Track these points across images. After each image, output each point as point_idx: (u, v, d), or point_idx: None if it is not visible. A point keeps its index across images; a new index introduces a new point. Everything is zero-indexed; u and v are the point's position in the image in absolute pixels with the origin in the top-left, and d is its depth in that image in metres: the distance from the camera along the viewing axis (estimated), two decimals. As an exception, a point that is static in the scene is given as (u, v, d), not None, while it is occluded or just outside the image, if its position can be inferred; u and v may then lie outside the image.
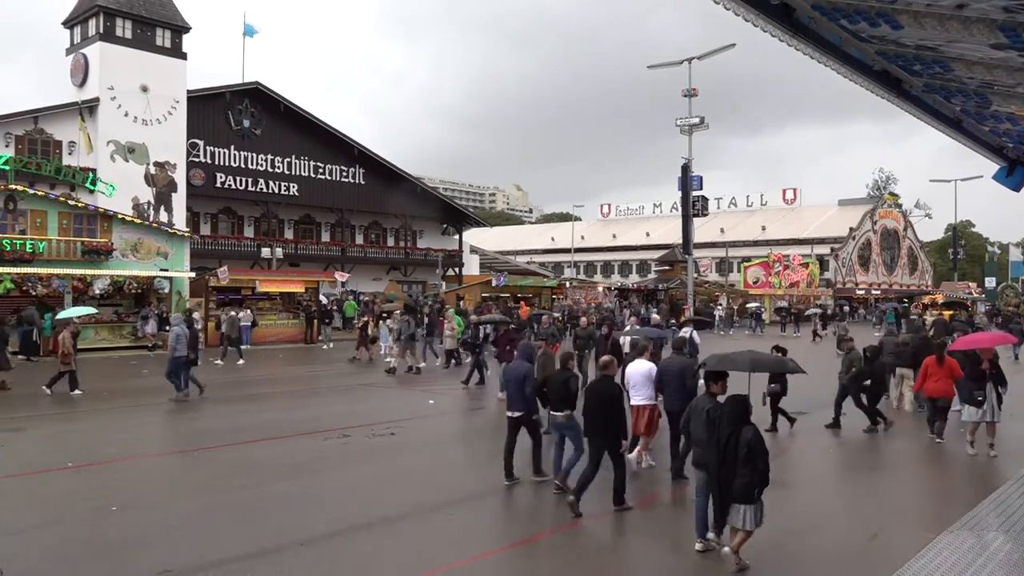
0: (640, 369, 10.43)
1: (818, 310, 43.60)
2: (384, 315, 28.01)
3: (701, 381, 8.46)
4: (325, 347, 30.57)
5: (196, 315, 23.75)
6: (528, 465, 9.88)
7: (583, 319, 21.30)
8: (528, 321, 30.18)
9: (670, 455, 10.33)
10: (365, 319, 27.07)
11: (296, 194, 44.00)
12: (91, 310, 23.05)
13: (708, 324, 37.80)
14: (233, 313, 26.50)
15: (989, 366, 11.82)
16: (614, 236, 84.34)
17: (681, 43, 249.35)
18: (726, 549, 6.99)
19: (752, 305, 46.36)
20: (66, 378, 16.82)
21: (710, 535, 7.32)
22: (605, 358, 9.30)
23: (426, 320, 26.62)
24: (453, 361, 22.73)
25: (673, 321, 35.59)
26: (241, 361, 23.75)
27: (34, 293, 26.03)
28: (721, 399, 7.35)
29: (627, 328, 19.52)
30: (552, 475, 9.56)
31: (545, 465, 9.86)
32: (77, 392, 16.71)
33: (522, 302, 40.15)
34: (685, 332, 16.99)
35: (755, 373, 9.39)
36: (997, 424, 11.78)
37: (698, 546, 7.33)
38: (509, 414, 9.86)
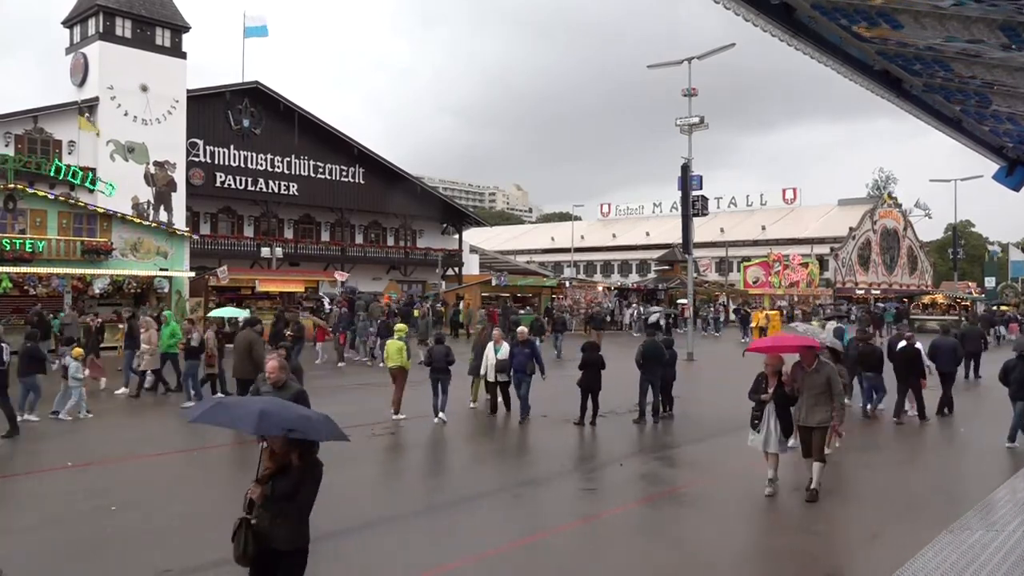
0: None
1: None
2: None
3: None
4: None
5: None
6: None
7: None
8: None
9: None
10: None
11: (296, 194, 43.94)
12: (242, 312, 22.69)
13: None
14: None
15: (776, 381, 9.21)
16: (614, 236, 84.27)
17: (690, 40, 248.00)
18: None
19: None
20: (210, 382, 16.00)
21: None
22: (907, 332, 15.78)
23: (124, 327, 19.60)
24: (161, 387, 16.95)
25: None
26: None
27: (34, 293, 26.02)
28: None
29: (492, 342, 15.41)
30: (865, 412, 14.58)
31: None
32: (219, 395, 15.33)
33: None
34: (832, 325, 20.43)
35: None
36: (781, 455, 9.40)
37: (1008, 445, 11.86)
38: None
